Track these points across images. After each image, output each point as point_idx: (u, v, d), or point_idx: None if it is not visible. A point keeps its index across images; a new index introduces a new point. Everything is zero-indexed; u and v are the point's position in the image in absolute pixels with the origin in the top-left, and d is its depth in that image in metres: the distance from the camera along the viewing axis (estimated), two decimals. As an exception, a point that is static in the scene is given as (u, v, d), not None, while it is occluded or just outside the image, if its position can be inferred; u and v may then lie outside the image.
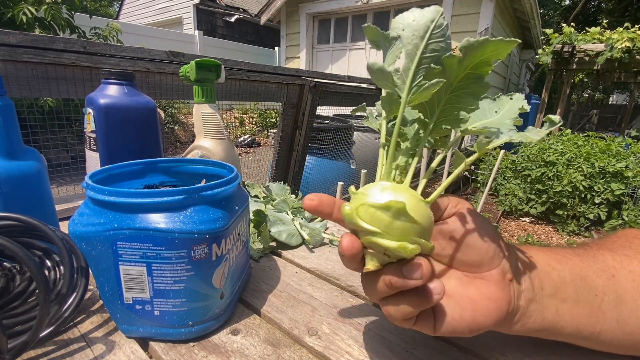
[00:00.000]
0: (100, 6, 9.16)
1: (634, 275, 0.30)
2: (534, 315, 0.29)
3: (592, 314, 0.29)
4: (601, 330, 0.30)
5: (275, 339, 0.37)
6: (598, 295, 0.29)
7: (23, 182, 0.44)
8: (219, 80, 0.59)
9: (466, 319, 0.28)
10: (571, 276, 0.30)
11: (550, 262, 0.31)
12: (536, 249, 0.32)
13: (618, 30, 4.28)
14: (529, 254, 0.31)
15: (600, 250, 0.33)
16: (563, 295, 0.29)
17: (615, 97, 11.06)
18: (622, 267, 0.31)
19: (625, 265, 0.31)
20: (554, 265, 0.30)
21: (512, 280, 0.29)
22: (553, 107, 6.02)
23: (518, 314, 0.29)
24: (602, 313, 0.29)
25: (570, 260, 0.31)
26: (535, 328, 0.30)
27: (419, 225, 0.26)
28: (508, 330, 0.30)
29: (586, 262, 0.31)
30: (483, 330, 0.28)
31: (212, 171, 0.47)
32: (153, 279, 0.34)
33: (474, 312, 0.28)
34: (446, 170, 2.33)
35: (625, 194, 3.04)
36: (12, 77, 0.81)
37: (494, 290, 0.28)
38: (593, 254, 0.32)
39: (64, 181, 1.33)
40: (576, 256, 0.31)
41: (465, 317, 0.28)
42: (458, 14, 4.30)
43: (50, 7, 3.06)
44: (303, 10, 5.50)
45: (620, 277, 0.30)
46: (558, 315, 0.29)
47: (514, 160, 3.78)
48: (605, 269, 0.31)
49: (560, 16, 10.88)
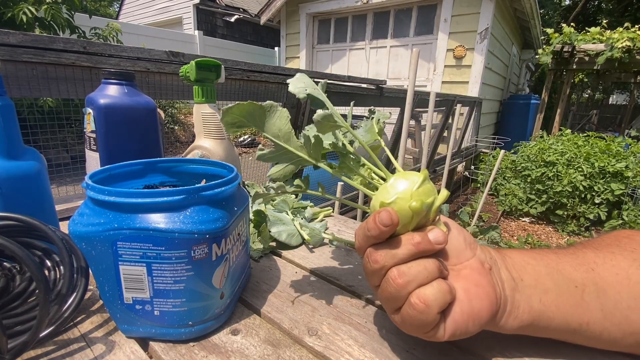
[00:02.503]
0: (100, 6, 9.17)
1: (617, 269, 0.30)
2: (521, 304, 0.30)
3: (576, 304, 0.30)
4: (589, 321, 0.30)
5: (275, 339, 0.37)
6: (578, 286, 0.30)
7: (23, 182, 0.44)
8: (219, 80, 0.59)
9: (466, 310, 0.28)
10: (547, 269, 0.31)
11: (524, 258, 0.32)
12: (510, 249, 0.34)
13: (618, 30, 4.29)
14: (502, 251, 0.33)
15: (583, 249, 0.33)
16: (543, 286, 0.30)
17: (615, 97, 11.06)
18: (604, 262, 0.31)
19: (608, 261, 0.31)
20: (529, 260, 0.32)
21: (491, 269, 0.30)
22: (553, 106, 6.02)
23: (508, 304, 0.30)
24: (586, 304, 0.30)
25: (546, 256, 0.32)
26: (526, 319, 0.30)
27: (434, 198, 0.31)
28: (505, 325, 0.30)
29: (563, 258, 0.32)
30: (484, 321, 0.29)
31: (212, 171, 0.47)
32: (153, 279, 0.34)
33: (470, 300, 0.29)
34: (446, 170, 2.33)
35: (625, 194, 3.04)
36: (12, 77, 0.81)
37: (478, 277, 0.30)
38: (573, 251, 0.33)
39: (64, 181, 1.33)
40: (552, 253, 0.33)
41: (465, 309, 0.28)
42: (458, 14, 4.30)
43: (50, 7, 3.06)
44: (303, 10, 5.50)
45: (601, 270, 0.31)
46: (543, 305, 0.30)
47: (514, 160, 3.78)
48: (584, 263, 0.31)
49: (560, 16, 10.88)
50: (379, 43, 5.17)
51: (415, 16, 4.79)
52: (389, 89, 2.24)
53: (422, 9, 4.72)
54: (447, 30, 4.37)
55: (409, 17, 4.85)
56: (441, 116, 3.53)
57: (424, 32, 4.76)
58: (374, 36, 5.19)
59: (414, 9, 4.77)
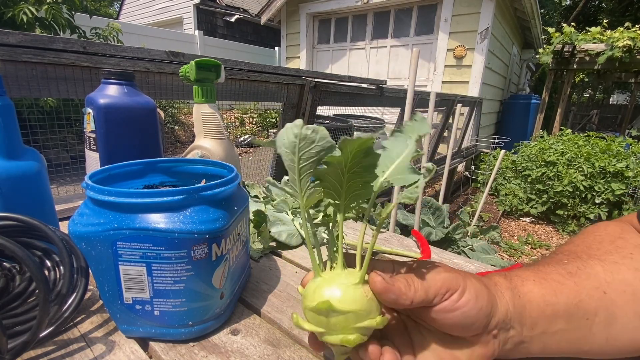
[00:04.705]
0: (100, 6, 9.17)
1: (624, 284, 0.30)
2: (519, 351, 0.30)
3: (581, 337, 0.30)
4: (589, 350, 0.30)
5: (275, 339, 0.37)
6: (589, 318, 0.29)
7: (23, 182, 0.44)
8: (219, 80, 0.59)
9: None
10: (565, 307, 0.29)
11: (546, 296, 0.30)
12: (532, 280, 0.31)
13: (619, 29, 4.28)
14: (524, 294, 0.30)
15: (590, 261, 0.32)
16: (554, 328, 0.29)
17: (616, 97, 11.05)
18: (612, 279, 0.30)
19: (615, 276, 0.31)
20: (549, 299, 0.30)
21: (498, 335, 0.29)
22: (553, 106, 6.01)
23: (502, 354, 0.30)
24: (592, 335, 0.29)
25: (566, 287, 0.30)
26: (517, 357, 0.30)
27: (354, 312, 0.27)
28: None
29: (580, 284, 0.30)
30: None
31: (212, 171, 0.47)
32: (153, 279, 0.34)
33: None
34: (446, 170, 2.33)
35: (626, 194, 3.04)
36: (12, 77, 0.81)
37: (478, 349, 0.29)
38: (586, 270, 0.31)
39: (64, 181, 1.33)
40: (571, 279, 0.31)
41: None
42: (458, 13, 4.29)
43: (50, 7, 3.06)
44: (303, 10, 5.50)
45: (612, 291, 0.30)
46: (545, 346, 0.30)
47: (515, 160, 3.78)
48: (598, 285, 0.30)
49: (560, 16, 10.87)
50: (379, 43, 5.16)
51: (415, 16, 4.78)
52: (389, 89, 2.24)
53: (422, 8, 4.72)
54: (448, 30, 4.36)
55: (409, 17, 4.84)
56: (441, 116, 3.53)
57: (424, 32, 4.76)
58: (374, 36, 5.19)
59: (414, 8, 4.76)
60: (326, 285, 0.29)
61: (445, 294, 0.28)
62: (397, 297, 0.27)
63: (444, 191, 2.49)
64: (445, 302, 0.28)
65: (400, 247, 0.62)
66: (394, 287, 0.27)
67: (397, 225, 1.97)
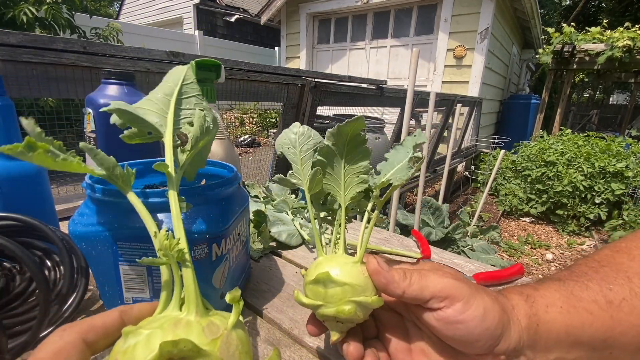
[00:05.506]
0: (100, 6, 9.16)
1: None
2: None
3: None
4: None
5: (275, 339, 0.37)
6: (613, 353, 0.26)
7: (23, 182, 0.44)
8: (219, 80, 0.59)
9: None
10: (590, 339, 0.26)
11: (570, 327, 0.26)
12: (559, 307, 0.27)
13: (618, 29, 4.28)
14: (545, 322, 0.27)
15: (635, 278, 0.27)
16: (572, 357, 0.27)
17: (616, 97, 11.06)
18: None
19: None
20: (573, 330, 0.26)
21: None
22: (553, 106, 6.02)
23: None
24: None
25: (598, 320, 0.26)
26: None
27: (350, 285, 0.29)
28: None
29: (617, 319, 0.26)
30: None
31: (212, 171, 0.47)
32: (153, 279, 0.34)
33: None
34: (446, 170, 2.33)
35: (626, 194, 3.04)
36: (12, 77, 0.81)
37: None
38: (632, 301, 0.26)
39: (64, 181, 1.33)
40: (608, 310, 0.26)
41: None
42: (458, 13, 4.29)
43: (50, 7, 3.06)
44: (303, 10, 5.50)
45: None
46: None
47: (514, 160, 3.78)
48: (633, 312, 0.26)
49: (560, 16, 10.87)
50: (379, 43, 5.16)
51: (415, 16, 4.78)
52: (389, 89, 2.24)
53: (422, 8, 4.72)
54: (447, 30, 4.37)
55: (409, 17, 4.84)
56: (441, 116, 3.53)
57: (424, 32, 4.76)
58: (374, 36, 5.19)
59: (414, 8, 4.76)
60: (327, 263, 0.31)
61: (445, 299, 0.27)
62: (388, 282, 0.28)
63: (444, 191, 2.49)
64: (449, 310, 0.27)
65: (400, 247, 0.62)
66: (387, 273, 0.28)
67: (397, 225, 1.97)
